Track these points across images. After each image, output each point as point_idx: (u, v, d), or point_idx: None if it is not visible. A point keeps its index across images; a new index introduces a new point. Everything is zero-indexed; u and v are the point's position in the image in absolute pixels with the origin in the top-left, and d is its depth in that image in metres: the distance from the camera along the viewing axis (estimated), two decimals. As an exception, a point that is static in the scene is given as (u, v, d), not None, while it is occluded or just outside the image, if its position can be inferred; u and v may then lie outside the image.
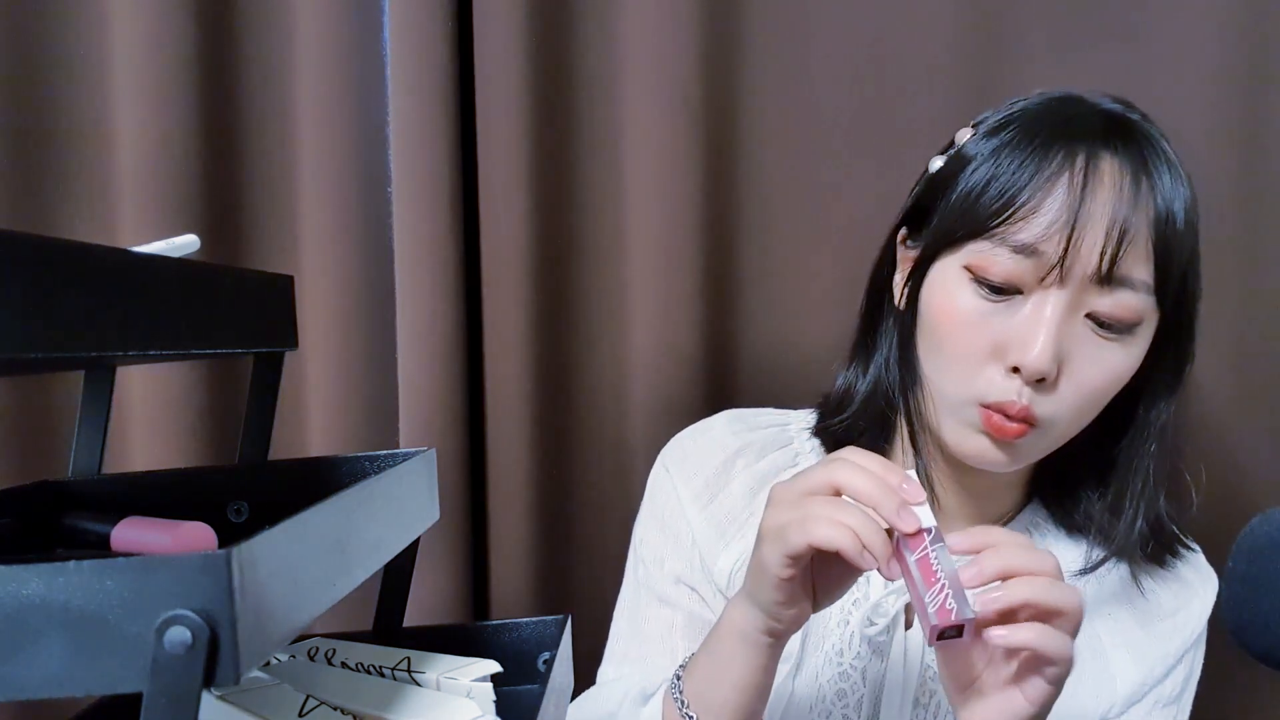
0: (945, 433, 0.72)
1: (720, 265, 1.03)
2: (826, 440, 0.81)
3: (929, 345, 0.72)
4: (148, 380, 1.02)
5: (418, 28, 0.97)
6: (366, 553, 0.46)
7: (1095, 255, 0.65)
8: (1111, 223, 0.65)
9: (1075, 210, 0.65)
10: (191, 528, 0.49)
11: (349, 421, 1.04)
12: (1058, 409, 0.68)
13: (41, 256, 0.35)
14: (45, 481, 0.58)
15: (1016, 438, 0.68)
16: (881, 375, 0.77)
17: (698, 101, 1.00)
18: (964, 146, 0.72)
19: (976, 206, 0.68)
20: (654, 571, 0.82)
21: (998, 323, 0.67)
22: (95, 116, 1.02)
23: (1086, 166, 0.66)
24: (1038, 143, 0.67)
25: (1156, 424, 0.73)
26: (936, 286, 0.71)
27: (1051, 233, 0.65)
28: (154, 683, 0.30)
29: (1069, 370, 0.67)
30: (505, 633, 0.61)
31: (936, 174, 0.73)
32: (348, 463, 0.59)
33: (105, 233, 1.02)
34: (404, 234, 0.99)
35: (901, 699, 0.75)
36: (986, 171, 0.68)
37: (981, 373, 0.68)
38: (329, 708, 0.50)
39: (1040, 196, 0.66)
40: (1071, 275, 0.65)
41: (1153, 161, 0.67)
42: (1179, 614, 0.78)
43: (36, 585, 0.31)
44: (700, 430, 0.84)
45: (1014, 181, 0.66)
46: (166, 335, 0.45)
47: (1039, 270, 0.66)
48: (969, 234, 0.68)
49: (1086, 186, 0.65)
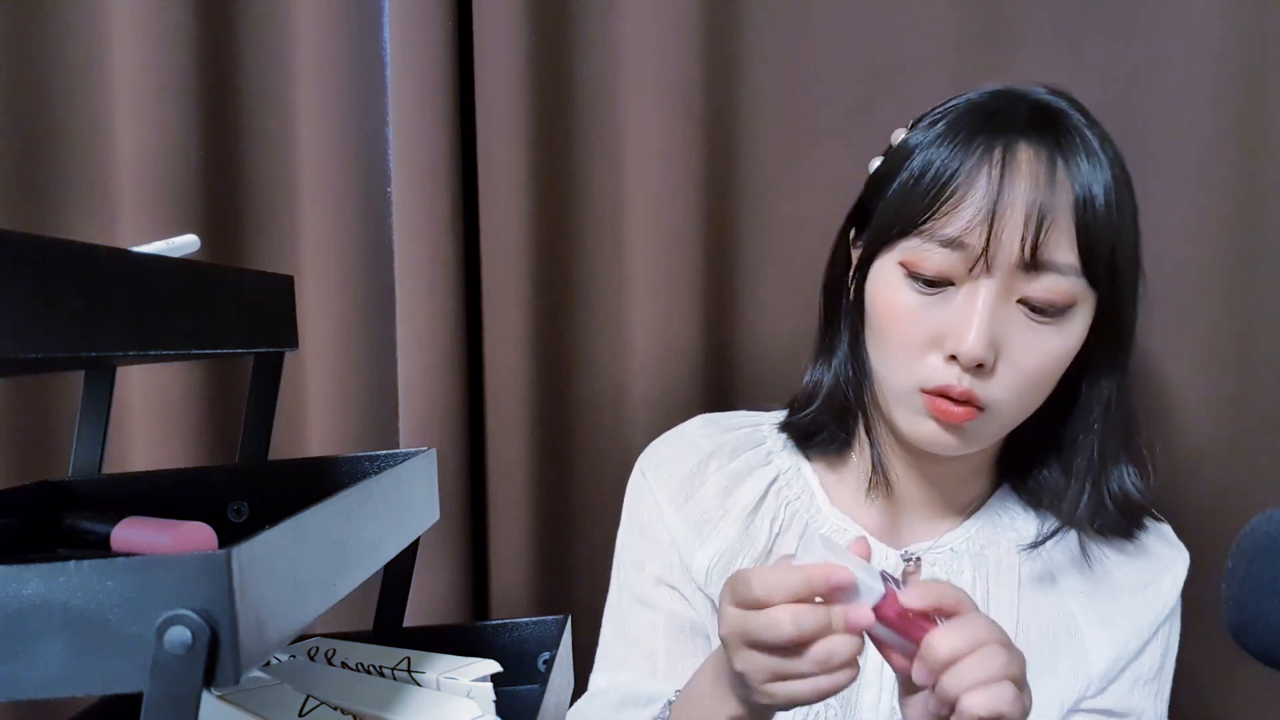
0: (898, 421, 0.74)
1: (720, 265, 1.03)
2: (792, 434, 0.83)
3: (874, 339, 0.75)
4: (148, 380, 1.02)
5: (418, 28, 0.97)
6: (366, 553, 0.46)
7: (1016, 243, 0.67)
8: (1029, 210, 0.67)
9: (994, 200, 0.67)
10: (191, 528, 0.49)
11: (349, 421, 1.04)
12: (999, 392, 0.70)
13: (41, 256, 0.35)
14: (45, 481, 0.58)
15: (964, 420, 0.70)
16: (839, 370, 0.80)
17: (698, 101, 1.00)
18: (898, 145, 0.75)
19: (907, 202, 0.71)
20: (634, 575, 0.83)
21: (934, 314, 0.70)
22: (95, 116, 1.02)
23: (1004, 157, 0.68)
24: (961, 137, 0.70)
25: (1100, 400, 0.75)
26: (879, 283, 0.73)
27: (974, 225, 0.67)
28: (154, 683, 0.30)
29: (1006, 355, 0.69)
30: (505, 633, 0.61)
31: (875, 173, 0.77)
32: (348, 463, 0.59)
33: (105, 233, 1.02)
34: (404, 234, 0.99)
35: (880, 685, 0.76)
36: (918, 166, 0.71)
37: (923, 361, 0.71)
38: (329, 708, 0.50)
39: (964, 190, 0.68)
40: (997, 264, 0.67)
41: (1068, 147, 0.69)
42: (1149, 588, 0.79)
43: (37, 585, 0.31)
44: (674, 435, 0.86)
45: (940, 175, 0.69)
46: (166, 335, 0.45)
47: (967, 261, 0.68)
48: (901, 232, 0.71)
49: (1004, 176, 0.67)
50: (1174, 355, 0.97)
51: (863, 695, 0.76)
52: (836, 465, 0.82)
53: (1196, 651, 0.85)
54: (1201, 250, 0.96)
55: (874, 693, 0.76)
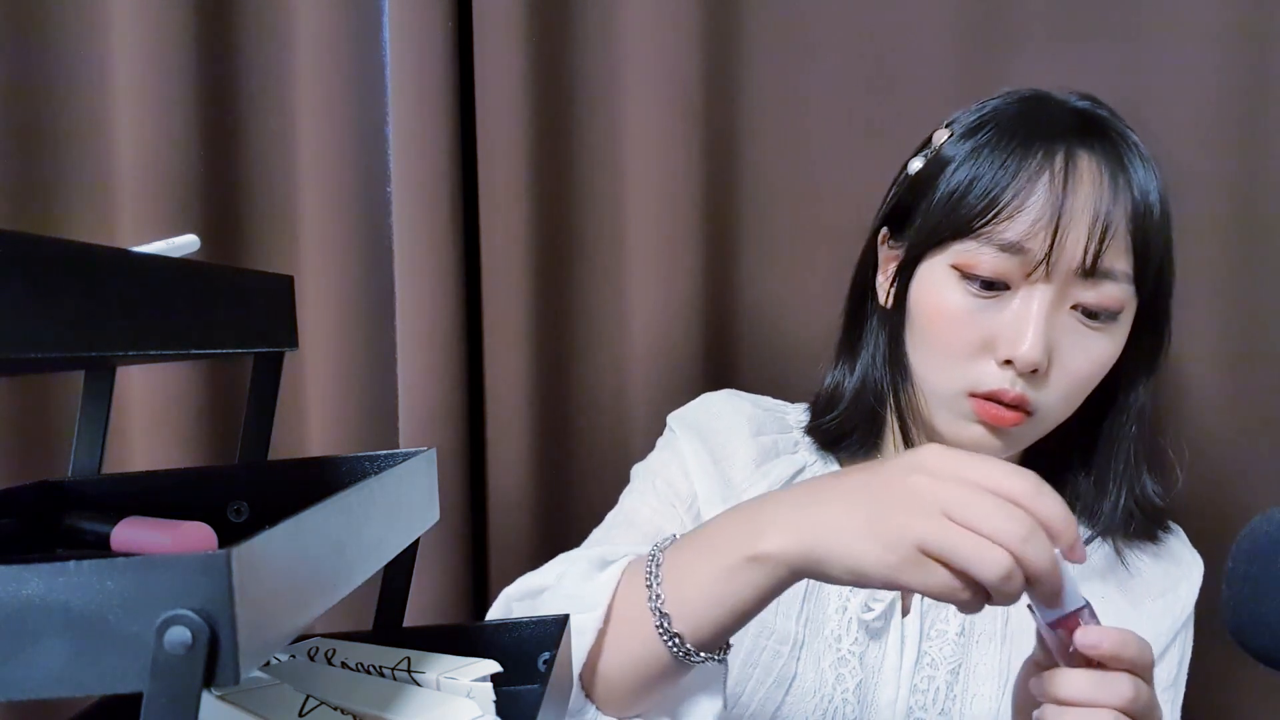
0: (940, 425, 0.73)
1: (720, 265, 1.03)
2: (819, 438, 0.82)
3: (919, 342, 0.73)
4: (148, 380, 1.02)
5: (418, 28, 0.97)
6: (366, 553, 0.46)
7: (1079, 250, 0.67)
8: (1094, 218, 0.67)
9: (1058, 207, 0.67)
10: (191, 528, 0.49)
11: (349, 421, 1.04)
12: (1049, 397, 0.70)
13: (41, 256, 0.35)
14: (45, 482, 0.58)
15: (1013, 425, 0.70)
16: (869, 372, 0.79)
17: (698, 101, 1.00)
18: (942, 148, 0.74)
19: (960, 207, 0.70)
20: (650, 487, 0.81)
21: (987, 318, 0.69)
22: (95, 116, 1.02)
23: (1066, 164, 0.68)
24: (1016, 143, 0.69)
25: (1135, 406, 0.76)
26: (925, 285, 0.72)
27: (1036, 230, 0.67)
28: (154, 683, 0.30)
29: (1058, 360, 0.69)
30: (505, 633, 0.61)
31: (916, 175, 0.75)
32: (348, 463, 0.59)
33: (105, 233, 1.02)
34: (404, 234, 0.99)
35: (898, 684, 0.76)
36: (968, 172, 0.70)
37: (973, 366, 0.70)
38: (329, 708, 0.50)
39: (1023, 195, 0.68)
40: (1057, 270, 0.68)
41: (1127, 156, 0.70)
42: (1168, 594, 0.79)
43: (36, 585, 0.31)
44: (703, 403, 0.86)
45: (996, 181, 0.68)
46: (166, 335, 0.45)
47: (1025, 267, 0.68)
48: (954, 234, 0.70)
49: (1068, 184, 0.67)
50: (1175, 354, 0.97)
51: (880, 693, 0.76)
52: None
53: (1196, 651, 0.85)
54: (1201, 250, 0.96)
55: (891, 691, 0.76)
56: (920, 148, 0.77)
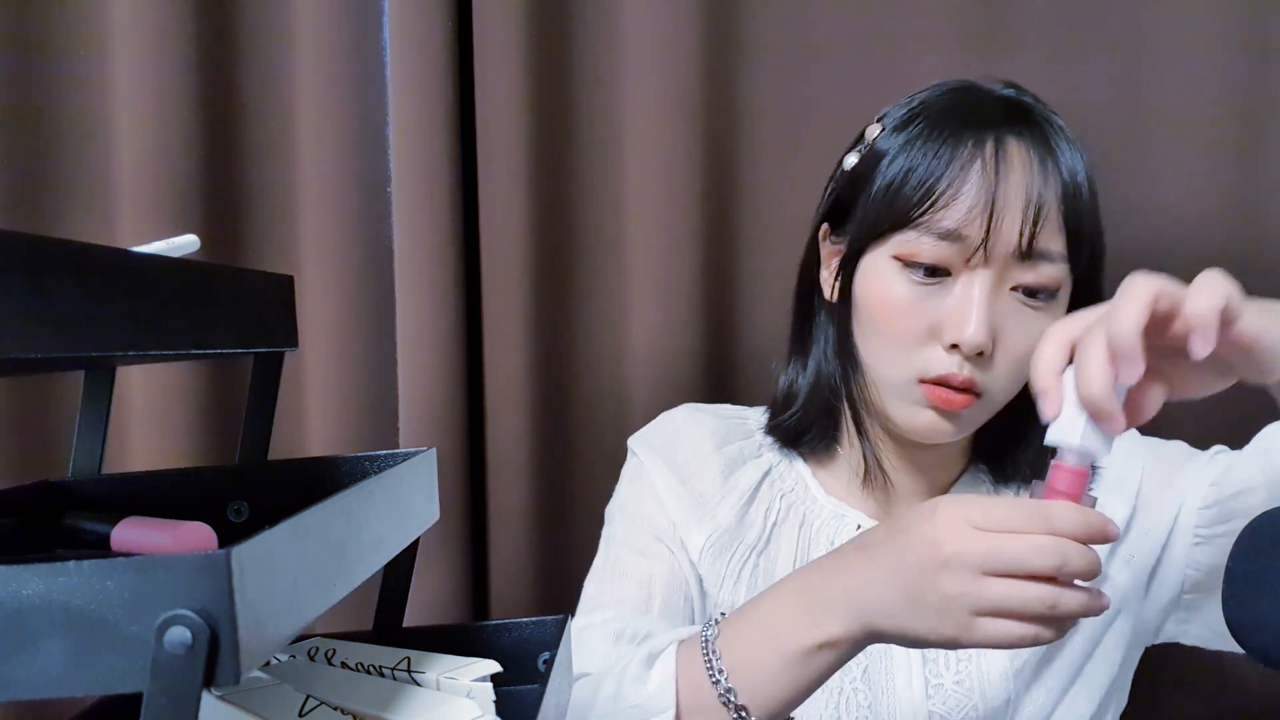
0: (893, 413, 0.75)
1: (720, 264, 1.03)
2: (779, 436, 0.84)
3: (867, 333, 0.75)
4: (148, 380, 1.02)
5: (418, 28, 0.97)
6: (366, 553, 0.46)
7: (1015, 234, 0.69)
8: (1027, 202, 0.69)
9: (992, 193, 0.69)
10: (191, 528, 0.49)
11: (349, 421, 1.04)
12: (996, 378, 0.72)
13: (41, 256, 0.35)
14: (45, 482, 0.58)
15: (963, 408, 0.72)
16: (822, 367, 0.81)
17: (698, 101, 1.00)
18: (875, 142, 0.76)
19: (898, 199, 0.72)
20: (630, 531, 0.82)
21: (931, 306, 0.71)
22: (95, 116, 1.02)
23: (996, 151, 0.70)
24: (947, 133, 0.71)
25: None
26: (869, 277, 0.74)
27: (972, 217, 0.69)
28: (154, 683, 0.30)
29: (1002, 341, 0.71)
30: (505, 633, 0.61)
31: (853, 170, 0.77)
32: (348, 463, 0.59)
33: (105, 233, 1.02)
34: (404, 234, 0.99)
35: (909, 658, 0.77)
36: (903, 164, 0.72)
37: (921, 352, 0.72)
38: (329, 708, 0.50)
39: (958, 184, 0.70)
40: (995, 254, 0.70)
41: (1053, 139, 0.72)
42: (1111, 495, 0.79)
43: (37, 585, 0.31)
44: (663, 421, 0.87)
45: (931, 172, 0.71)
46: (166, 335, 0.45)
47: (964, 253, 0.70)
48: (894, 226, 0.72)
49: (999, 170, 0.69)
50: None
51: (895, 675, 0.76)
52: (826, 461, 0.83)
53: (1196, 651, 0.85)
54: (1202, 249, 0.96)
55: (904, 671, 0.76)
56: (854, 143, 0.79)
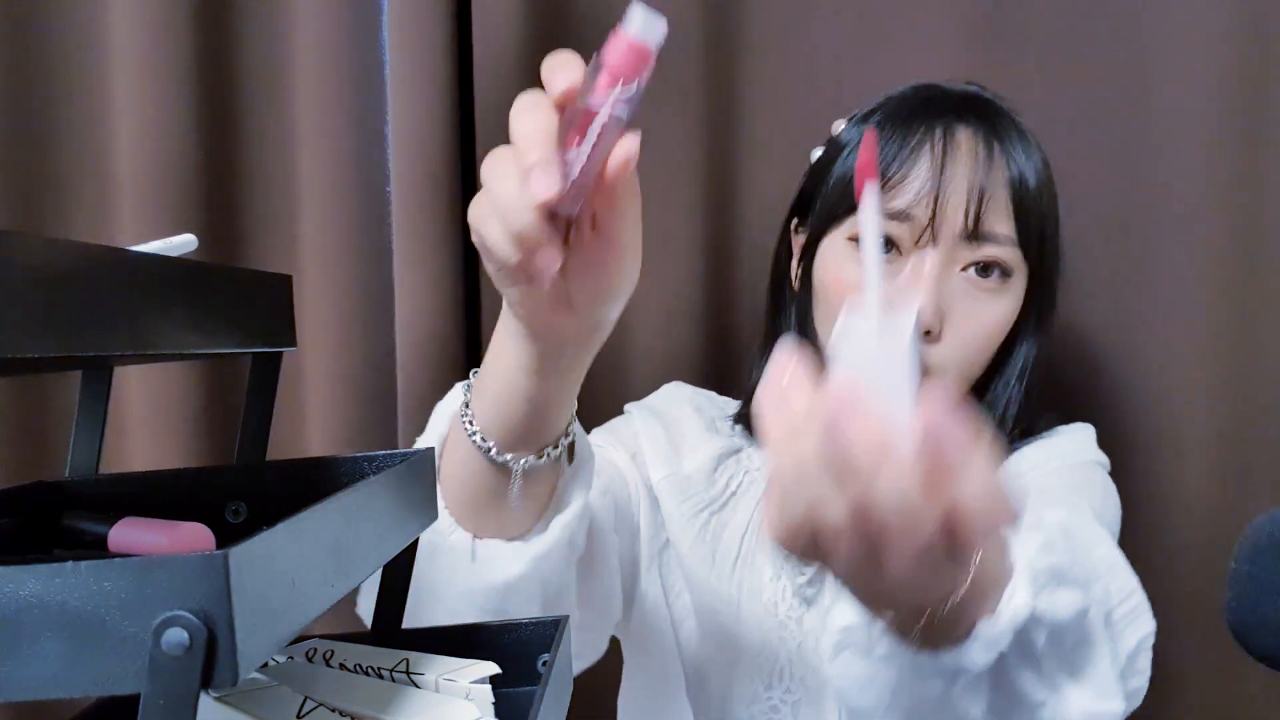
0: None
1: (720, 265, 1.03)
2: (747, 425, 0.87)
3: (824, 315, 0.79)
4: (146, 380, 1.02)
5: (417, 28, 0.97)
6: (365, 553, 0.46)
7: (960, 215, 0.73)
8: (971, 185, 0.73)
9: (938, 176, 0.73)
10: (189, 528, 0.49)
11: (349, 421, 1.03)
12: (945, 357, 0.74)
13: (41, 256, 0.35)
14: (43, 482, 0.58)
15: None
16: None
17: (698, 101, 1.00)
18: (839, 136, 0.82)
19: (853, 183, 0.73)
20: (603, 436, 0.86)
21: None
22: (95, 116, 1.02)
23: (945, 139, 0.74)
24: (901, 122, 0.76)
25: (1018, 363, 0.81)
26: (826, 260, 0.79)
27: (920, 198, 0.73)
28: (152, 684, 0.30)
29: (951, 321, 0.74)
30: (504, 634, 0.61)
31: (816, 163, 0.82)
32: (347, 463, 0.59)
33: (105, 233, 1.02)
34: (403, 234, 0.99)
35: None
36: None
37: None
38: (327, 709, 0.50)
39: (907, 167, 0.74)
40: (941, 235, 0.73)
41: (1003, 130, 0.76)
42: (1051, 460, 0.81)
43: (34, 586, 0.31)
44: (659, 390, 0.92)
45: (882, 156, 0.75)
46: (164, 335, 0.44)
47: (913, 233, 0.74)
48: (849, 209, 0.76)
49: (946, 155, 0.74)
50: (1176, 353, 0.97)
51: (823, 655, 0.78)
52: None
53: (1196, 651, 0.85)
54: (1201, 249, 0.96)
55: None
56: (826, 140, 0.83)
